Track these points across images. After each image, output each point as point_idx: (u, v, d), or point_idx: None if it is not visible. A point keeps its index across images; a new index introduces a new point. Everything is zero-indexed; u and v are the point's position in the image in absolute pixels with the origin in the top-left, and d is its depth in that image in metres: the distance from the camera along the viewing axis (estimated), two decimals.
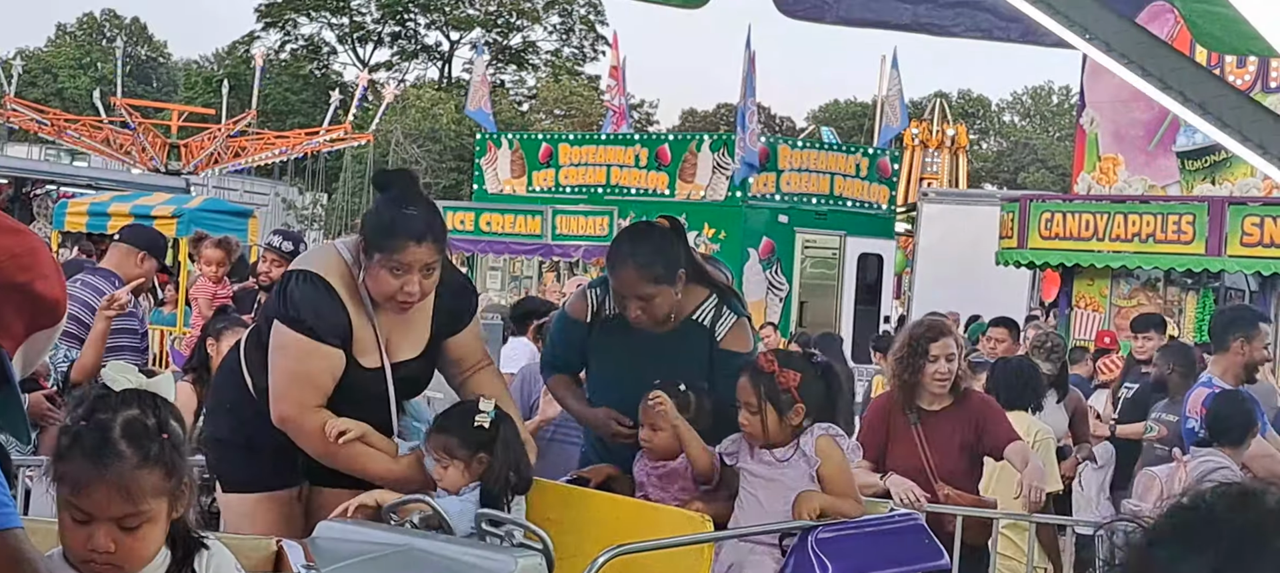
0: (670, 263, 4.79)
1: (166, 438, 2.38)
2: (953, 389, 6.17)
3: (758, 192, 21.15)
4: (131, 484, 2.33)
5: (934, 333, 6.24)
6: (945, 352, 6.17)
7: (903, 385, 6.22)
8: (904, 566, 5.20)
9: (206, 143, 35.79)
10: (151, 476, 2.35)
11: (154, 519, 2.38)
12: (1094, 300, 17.19)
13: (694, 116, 65.99)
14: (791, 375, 4.57)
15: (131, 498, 2.34)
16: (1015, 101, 76.87)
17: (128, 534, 2.36)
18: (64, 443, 2.40)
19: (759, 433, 4.54)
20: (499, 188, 23.91)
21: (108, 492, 2.33)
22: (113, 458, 2.33)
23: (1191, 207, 16.07)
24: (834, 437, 4.59)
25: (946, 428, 6.16)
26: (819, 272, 22.24)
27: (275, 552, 2.94)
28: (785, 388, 4.55)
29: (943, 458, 6.12)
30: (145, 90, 61.21)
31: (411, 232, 4.23)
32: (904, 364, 6.23)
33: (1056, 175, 56.71)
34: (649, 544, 4.19)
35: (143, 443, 2.35)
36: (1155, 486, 6.80)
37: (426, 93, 58.24)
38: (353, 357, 4.32)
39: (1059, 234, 16.96)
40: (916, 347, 6.20)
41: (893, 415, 6.23)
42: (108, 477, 2.33)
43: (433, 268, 4.27)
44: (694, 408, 4.69)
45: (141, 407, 2.39)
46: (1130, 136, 18.83)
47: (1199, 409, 7.27)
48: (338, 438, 4.24)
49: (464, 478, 4.12)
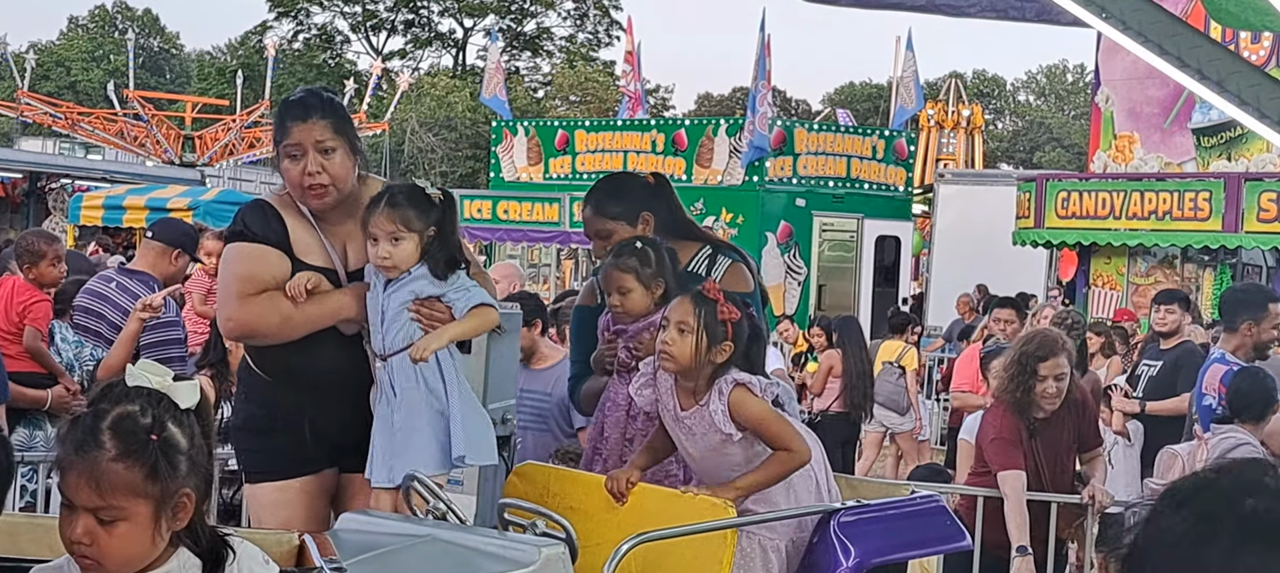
0: (630, 204, 4.90)
1: (156, 440, 2.34)
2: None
3: (775, 175, 21.13)
4: (102, 477, 2.30)
5: (1044, 352, 6.17)
6: (1055, 371, 6.13)
7: (1015, 403, 6.19)
8: (927, 548, 5.21)
9: (221, 134, 35.82)
10: (129, 473, 2.31)
11: (131, 520, 2.32)
12: (1111, 279, 17.15)
13: (710, 101, 65.90)
14: (731, 310, 4.35)
15: (100, 490, 2.30)
16: (1030, 81, 76.68)
17: (103, 529, 2.32)
18: (63, 429, 2.40)
19: (682, 357, 4.27)
20: (515, 176, 23.92)
21: (79, 480, 2.31)
22: (92, 448, 2.31)
23: (1208, 183, 16.01)
24: (746, 385, 4.28)
25: (1060, 430, 6.30)
26: (837, 254, 22.23)
27: (298, 547, 2.94)
28: (723, 320, 4.33)
29: (1053, 460, 6.21)
30: (158, 82, 61.33)
31: (294, 115, 4.35)
32: (1015, 384, 6.19)
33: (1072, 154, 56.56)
34: (672, 531, 4.19)
35: (127, 439, 2.32)
36: (1177, 463, 6.80)
37: (441, 81, 58.23)
38: (295, 257, 4.37)
39: (1076, 213, 16.92)
40: (1026, 366, 6.16)
41: (1013, 422, 6.20)
42: (81, 465, 2.31)
43: (331, 148, 4.32)
44: (655, 263, 4.67)
45: (142, 405, 2.36)
46: (1145, 114, 18.76)
47: (1216, 386, 7.26)
48: (305, 294, 4.29)
49: (416, 252, 4.17)
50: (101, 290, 7.07)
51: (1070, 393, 6.24)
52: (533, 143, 23.71)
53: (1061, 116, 70.27)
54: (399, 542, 3.91)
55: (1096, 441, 6.55)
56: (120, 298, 6.97)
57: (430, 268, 4.21)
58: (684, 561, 4.25)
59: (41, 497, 5.98)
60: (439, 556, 3.81)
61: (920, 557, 5.79)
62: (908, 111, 24.40)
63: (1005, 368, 6.34)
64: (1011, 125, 72.78)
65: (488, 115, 33.71)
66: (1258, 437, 6.61)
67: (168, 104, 39.78)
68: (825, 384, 11.64)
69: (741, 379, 4.29)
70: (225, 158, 36.39)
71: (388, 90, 45.69)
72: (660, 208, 5.01)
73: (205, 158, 34.95)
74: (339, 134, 4.39)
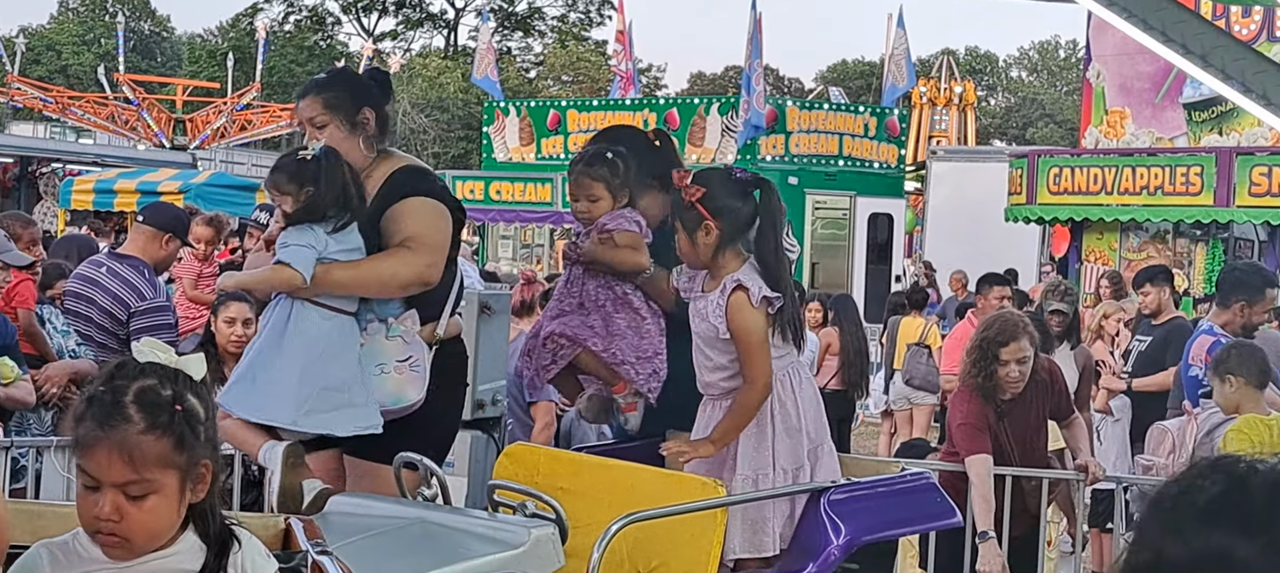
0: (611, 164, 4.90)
1: (180, 411, 2.36)
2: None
3: (767, 154, 21.10)
4: (134, 450, 2.31)
5: (1005, 337, 6.17)
6: (1017, 356, 6.13)
7: (979, 388, 6.20)
8: (917, 524, 5.22)
9: (212, 117, 35.75)
10: (158, 445, 2.32)
11: (161, 492, 2.34)
12: (1104, 254, 17.16)
13: (702, 80, 65.78)
14: (695, 190, 4.34)
15: (134, 464, 2.31)
16: (1022, 57, 76.59)
17: (133, 504, 2.33)
18: (79, 408, 2.39)
19: (685, 253, 4.39)
20: (508, 156, 23.88)
21: (110, 455, 2.31)
22: (119, 421, 2.31)
23: (1199, 158, 16.02)
24: (746, 291, 4.24)
25: (1028, 410, 6.29)
26: (830, 232, 22.22)
27: (284, 530, 2.94)
28: (689, 203, 4.33)
29: (1023, 438, 6.21)
30: (149, 65, 61.13)
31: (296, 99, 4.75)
32: (978, 369, 6.20)
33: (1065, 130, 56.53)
34: (662, 511, 4.20)
35: (153, 411, 2.33)
36: (1167, 439, 6.81)
37: (432, 62, 58.11)
38: None
39: (1068, 189, 16.93)
40: (987, 351, 6.17)
41: (980, 406, 6.21)
42: (112, 440, 2.31)
43: (322, 123, 4.56)
44: (624, 172, 4.75)
45: (160, 378, 2.37)
46: (1137, 89, 18.76)
47: (1203, 358, 7.26)
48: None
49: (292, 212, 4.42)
50: (93, 275, 7.04)
51: (1036, 373, 6.25)
52: (525, 123, 23.67)
53: (1054, 93, 70.22)
54: (388, 524, 3.91)
55: (1069, 409, 6.52)
56: (111, 283, 6.94)
57: (289, 221, 4.43)
58: (674, 539, 4.26)
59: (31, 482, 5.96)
60: (428, 538, 3.81)
61: (911, 534, 5.81)
62: (899, 89, 24.37)
63: (968, 353, 6.35)
64: (1004, 102, 72.73)
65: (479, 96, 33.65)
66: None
67: (158, 87, 39.73)
68: (822, 362, 11.67)
69: (746, 283, 4.25)
70: (216, 141, 36.31)
71: None
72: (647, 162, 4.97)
73: (196, 141, 34.88)
74: (330, 109, 4.55)
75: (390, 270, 4.44)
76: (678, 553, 4.26)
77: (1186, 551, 1.44)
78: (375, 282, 4.44)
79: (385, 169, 4.59)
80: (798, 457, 4.42)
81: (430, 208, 4.53)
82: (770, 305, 4.28)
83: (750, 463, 4.37)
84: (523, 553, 3.73)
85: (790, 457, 4.42)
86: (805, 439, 4.44)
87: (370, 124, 4.63)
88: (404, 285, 4.46)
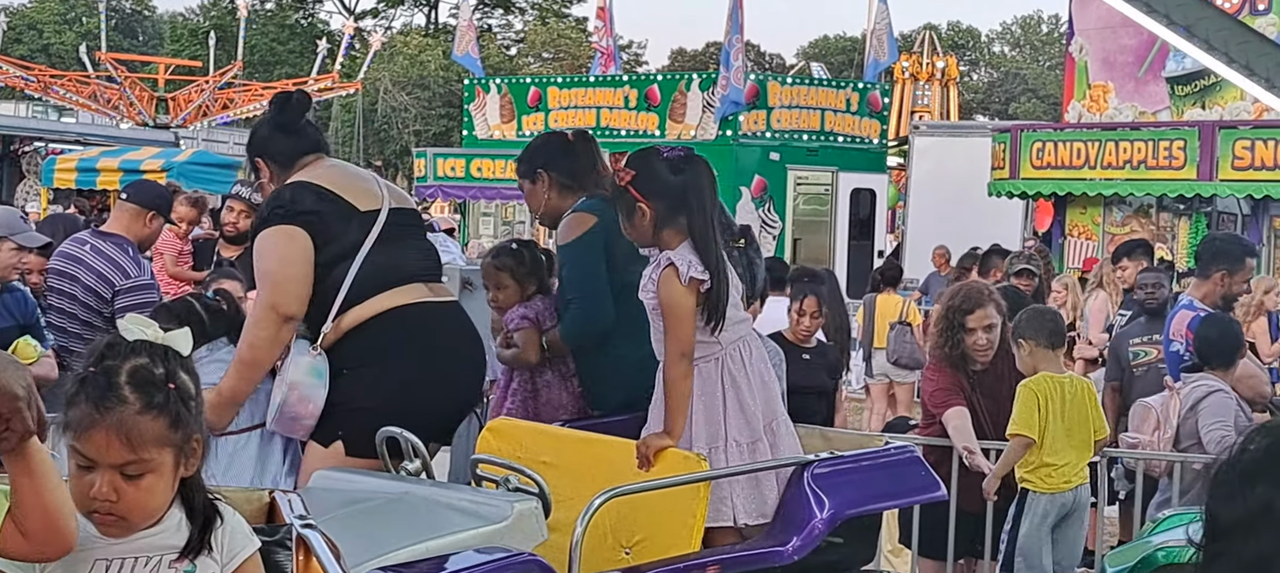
0: (528, 162, 5.32)
1: (174, 389, 2.37)
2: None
3: (748, 130, 21.10)
4: (132, 430, 2.32)
5: (970, 304, 6.18)
6: (983, 323, 6.13)
7: (948, 358, 6.20)
8: (902, 498, 5.22)
9: (194, 96, 35.64)
10: (155, 424, 2.34)
11: (157, 470, 2.36)
12: (1087, 229, 17.19)
13: (683, 56, 65.68)
14: (625, 173, 4.42)
15: (132, 445, 2.33)
16: (1005, 32, 76.66)
17: (129, 483, 2.35)
18: (71, 390, 2.39)
19: (629, 234, 4.52)
20: (489, 133, 23.85)
21: (108, 437, 2.32)
22: (115, 403, 2.32)
23: (1182, 132, 16.03)
24: (676, 267, 4.30)
25: (998, 383, 6.27)
26: (812, 208, 22.23)
27: (268, 504, 2.93)
28: (624, 187, 4.42)
29: (996, 410, 6.21)
30: (131, 44, 60.91)
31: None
32: (945, 339, 6.20)
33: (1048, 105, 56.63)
34: (644, 485, 4.20)
35: (147, 390, 2.34)
36: (1151, 416, 6.82)
37: (414, 39, 57.90)
38: None
39: (1051, 163, 16.93)
40: (954, 321, 6.17)
41: (951, 376, 6.21)
42: (109, 421, 2.32)
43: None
44: (528, 262, 5.32)
45: (151, 356, 2.38)
46: (1119, 63, 18.77)
47: (1184, 332, 7.27)
48: None
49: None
50: (76, 253, 7.00)
51: (1005, 341, 6.25)
52: (505, 100, 23.63)
53: (1036, 67, 70.29)
54: (372, 498, 3.91)
55: None
56: (95, 261, 6.89)
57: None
58: (656, 514, 4.26)
59: None
60: (412, 512, 3.81)
61: (896, 507, 5.82)
62: (881, 64, 24.35)
63: (935, 324, 6.36)
64: (986, 77, 72.80)
65: (460, 73, 33.58)
66: (1227, 383, 6.64)
67: (141, 66, 39.54)
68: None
69: (676, 262, 4.32)
70: (199, 119, 36.21)
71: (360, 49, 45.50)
72: (560, 164, 5.28)
73: (179, 119, 34.77)
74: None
75: (249, 341, 4.61)
76: (660, 527, 4.26)
77: (1237, 509, 1.56)
78: (250, 361, 4.60)
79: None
80: (753, 430, 4.43)
81: (266, 239, 4.66)
82: (700, 286, 4.32)
83: (704, 439, 4.39)
84: (506, 527, 3.73)
85: (743, 430, 4.42)
86: (760, 412, 4.45)
87: (264, 173, 4.92)
88: (270, 339, 4.57)
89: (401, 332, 4.63)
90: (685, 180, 4.40)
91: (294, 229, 4.61)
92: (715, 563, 4.25)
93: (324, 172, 4.80)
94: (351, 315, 4.61)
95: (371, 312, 4.62)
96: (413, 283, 4.69)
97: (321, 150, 4.94)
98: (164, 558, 2.43)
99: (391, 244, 4.66)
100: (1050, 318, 6.13)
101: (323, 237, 4.61)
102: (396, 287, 4.65)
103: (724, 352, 4.38)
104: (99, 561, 2.41)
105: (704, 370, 4.37)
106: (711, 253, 4.35)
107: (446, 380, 4.68)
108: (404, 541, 3.55)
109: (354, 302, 4.60)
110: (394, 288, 4.64)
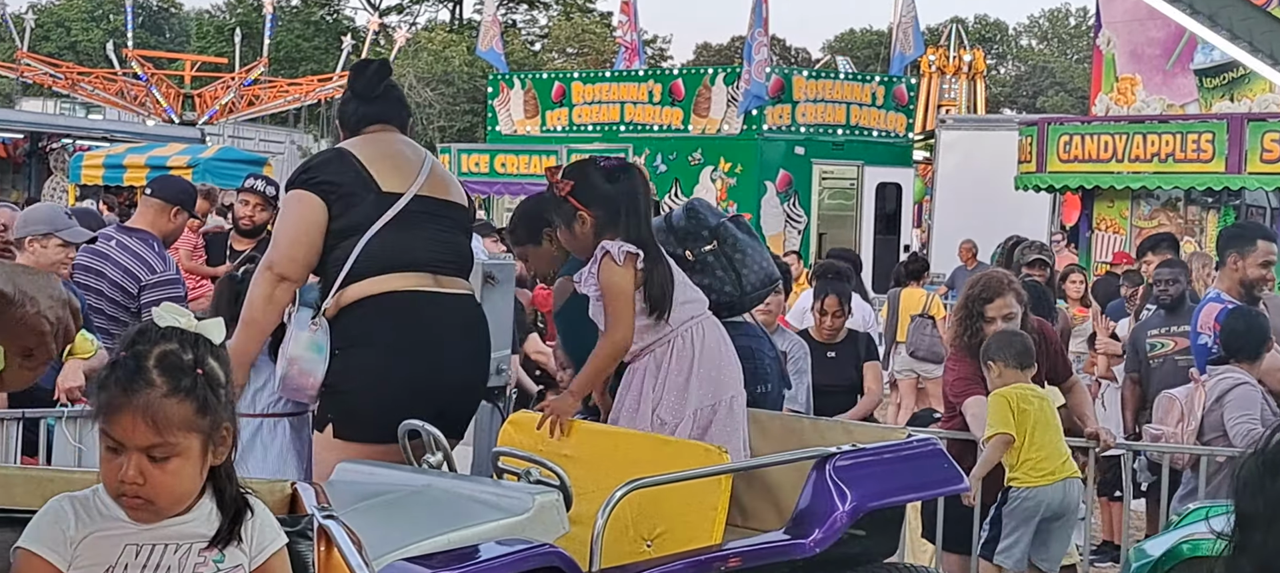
0: (529, 229, 5.35)
1: (201, 374, 2.38)
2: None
3: (773, 124, 21.06)
4: (158, 413, 2.34)
5: (990, 293, 6.16)
6: (1002, 312, 6.12)
7: (969, 348, 6.18)
8: (924, 490, 5.21)
9: (220, 92, 35.77)
10: (181, 408, 2.35)
11: (184, 455, 2.37)
12: (1115, 222, 17.11)
13: (708, 51, 65.58)
14: (564, 184, 4.60)
15: (157, 427, 2.34)
16: (1032, 25, 76.29)
17: (156, 466, 2.36)
18: (102, 374, 2.41)
19: (568, 245, 4.69)
20: (513, 129, 23.85)
21: (134, 419, 2.34)
22: (142, 386, 2.34)
23: (1210, 125, 15.93)
24: (611, 255, 4.50)
25: None
26: (837, 203, 22.18)
27: (291, 494, 2.94)
28: (562, 197, 4.60)
29: None
30: (158, 41, 61.07)
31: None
32: (964, 328, 6.19)
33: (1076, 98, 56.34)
34: (666, 478, 4.19)
35: (174, 374, 2.36)
36: (1175, 407, 6.79)
37: (438, 35, 57.98)
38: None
39: (1078, 157, 16.85)
40: (973, 309, 6.16)
41: (970, 365, 6.19)
42: (135, 403, 2.34)
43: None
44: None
45: (181, 342, 2.40)
46: (1147, 56, 18.68)
47: (1212, 325, 7.22)
48: None
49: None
50: (102, 249, 7.03)
51: (1025, 330, 6.22)
52: (529, 95, 23.63)
53: (1064, 61, 69.96)
54: (395, 491, 3.92)
55: (1067, 371, 6.52)
56: (121, 257, 6.92)
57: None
58: (677, 506, 4.26)
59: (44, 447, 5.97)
60: (434, 504, 3.82)
61: (918, 500, 5.80)
62: (907, 58, 24.27)
63: (954, 314, 6.34)
64: (1014, 70, 72.49)
65: (484, 69, 33.60)
66: (1254, 375, 6.60)
67: (167, 63, 39.72)
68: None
69: (610, 248, 4.49)
70: (225, 116, 36.34)
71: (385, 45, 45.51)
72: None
73: (205, 116, 34.90)
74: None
75: (247, 299, 4.76)
76: (681, 519, 4.26)
77: (1260, 502, 1.57)
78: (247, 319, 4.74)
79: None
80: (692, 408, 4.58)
81: (285, 201, 4.83)
82: (636, 260, 4.50)
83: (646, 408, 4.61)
84: (527, 519, 3.73)
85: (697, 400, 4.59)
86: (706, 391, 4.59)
87: (341, 136, 5.03)
88: (265, 297, 4.70)
89: (391, 317, 4.65)
90: (621, 188, 4.59)
91: (307, 194, 4.69)
92: (737, 556, 4.25)
93: (368, 144, 4.83)
94: (351, 291, 4.66)
95: (368, 291, 4.66)
96: (420, 271, 4.69)
97: (392, 123, 4.95)
98: (193, 546, 2.45)
99: (407, 229, 4.67)
100: (1018, 340, 6.08)
101: (338, 207, 4.67)
102: (400, 271, 4.66)
103: (675, 334, 4.59)
104: (129, 545, 2.43)
105: (658, 354, 4.57)
106: (653, 248, 4.58)
107: (433, 372, 4.66)
108: (426, 533, 3.56)
109: (355, 278, 4.64)
110: (397, 272, 4.66)
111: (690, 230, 5.13)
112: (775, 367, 5.55)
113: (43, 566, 2.38)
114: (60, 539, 2.40)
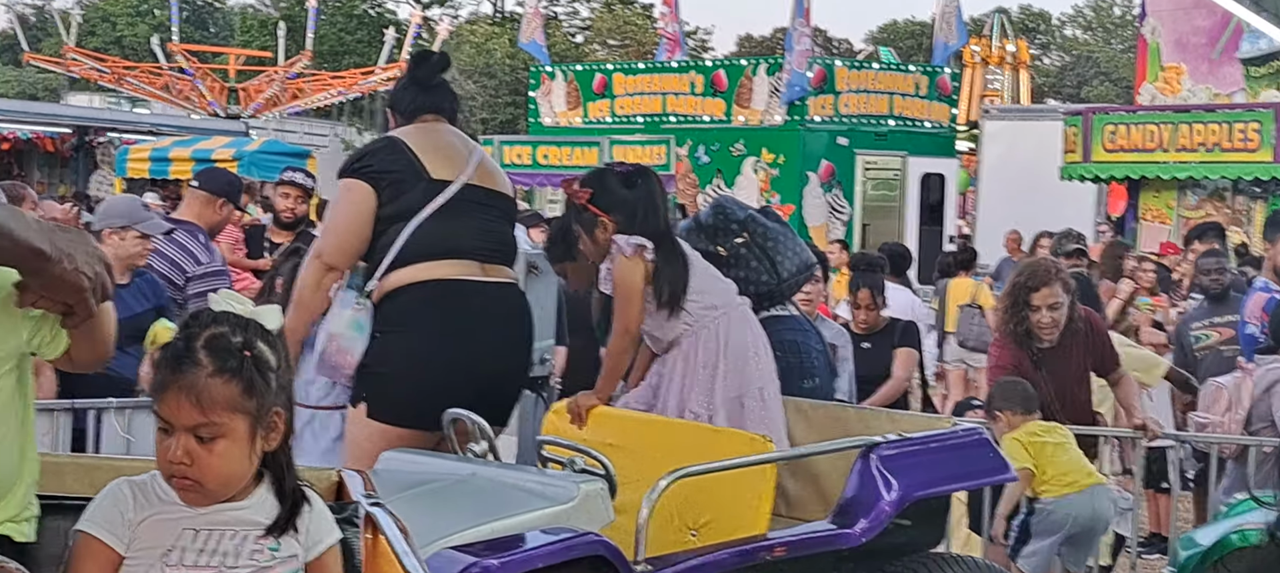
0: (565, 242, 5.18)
1: (249, 356, 2.41)
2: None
3: (816, 115, 21.00)
4: (202, 392, 2.37)
5: (1036, 282, 6.13)
6: (1048, 301, 6.08)
7: (1014, 336, 6.16)
8: (970, 480, 5.19)
9: (264, 86, 35.91)
10: (226, 388, 2.38)
11: (229, 436, 2.40)
12: (1161, 212, 16.99)
13: (750, 42, 65.39)
14: (583, 193, 4.69)
15: (201, 406, 2.37)
16: (1077, 15, 75.71)
17: (203, 447, 2.39)
18: (157, 357, 2.46)
19: (589, 253, 4.72)
20: (554, 121, 23.88)
21: (179, 398, 2.38)
22: (189, 365, 2.38)
23: (1257, 114, 15.80)
24: (620, 248, 4.59)
25: (1067, 359, 6.19)
26: (881, 193, 22.08)
27: (336, 482, 2.96)
28: (582, 205, 4.67)
29: (1063, 390, 6.15)
30: (202, 36, 61.41)
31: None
32: (1010, 316, 6.16)
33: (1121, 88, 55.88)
34: (711, 467, 4.19)
35: (221, 355, 2.39)
36: (1222, 396, 6.74)
37: (480, 28, 58.09)
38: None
39: (1124, 146, 16.75)
40: (1019, 298, 6.13)
41: (1014, 354, 6.17)
42: (182, 383, 2.38)
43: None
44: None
45: (232, 326, 2.43)
46: (1193, 45, 18.54)
47: (1260, 315, 7.17)
48: None
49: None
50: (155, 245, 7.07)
51: (1073, 321, 6.18)
52: (572, 87, 23.65)
53: (1109, 50, 69.39)
54: (440, 479, 3.93)
55: (1115, 362, 6.46)
56: (168, 248, 6.96)
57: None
58: (723, 496, 4.25)
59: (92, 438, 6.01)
60: (479, 493, 3.83)
61: (964, 489, 5.78)
62: (950, 48, 24.12)
63: (1000, 301, 6.32)
64: (1058, 60, 72.01)
65: (526, 61, 33.65)
66: None
67: (212, 57, 39.93)
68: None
69: (619, 242, 4.59)
70: (269, 109, 36.48)
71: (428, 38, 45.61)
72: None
73: (249, 109, 35.06)
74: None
75: (297, 283, 4.80)
76: (727, 509, 4.25)
77: None
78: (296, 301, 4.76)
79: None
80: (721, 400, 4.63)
81: (338, 189, 4.84)
82: (645, 252, 4.58)
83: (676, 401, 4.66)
84: (572, 508, 3.74)
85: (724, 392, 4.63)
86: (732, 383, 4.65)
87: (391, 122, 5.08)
88: (314, 284, 4.74)
89: (433, 303, 4.68)
90: (639, 193, 4.69)
91: (357, 182, 4.76)
92: (782, 545, 4.24)
93: (420, 133, 4.87)
94: (395, 276, 4.69)
95: (412, 278, 4.69)
96: (466, 259, 4.72)
97: (443, 113, 5.01)
98: (250, 534, 2.47)
99: (454, 217, 4.70)
100: (1020, 388, 6.04)
101: (388, 194, 4.71)
102: (445, 259, 4.69)
103: (701, 326, 4.64)
104: (187, 529, 2.45)
105: (685, 347, 4.63)
106: (671, 247, 4.69)
107: (472, 359, 4.68)
108: (471, 521, 3.57)
109: (402, 263, 4.68)
110: (442, 259, 4.69)
111: (719, 226, 5.20)
112: (823, 360, 5.55)
113: (101, 548, 2.42)
114: (118, 522, 2.43)
